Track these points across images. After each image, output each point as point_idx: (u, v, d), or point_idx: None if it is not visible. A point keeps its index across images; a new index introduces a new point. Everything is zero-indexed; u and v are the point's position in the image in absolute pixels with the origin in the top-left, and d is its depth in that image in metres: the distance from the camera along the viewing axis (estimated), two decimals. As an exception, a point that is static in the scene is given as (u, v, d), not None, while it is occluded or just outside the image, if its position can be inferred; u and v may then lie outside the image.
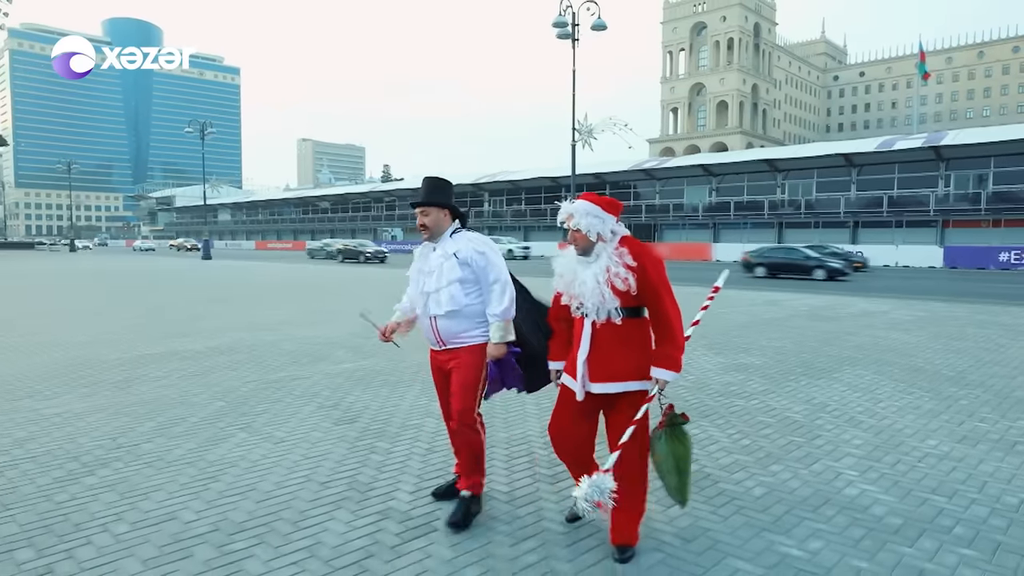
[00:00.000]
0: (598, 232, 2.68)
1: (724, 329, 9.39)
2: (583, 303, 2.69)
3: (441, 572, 2.58)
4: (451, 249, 3.02)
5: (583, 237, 2.69)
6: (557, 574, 2.58)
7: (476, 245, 3.01)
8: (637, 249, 2.68)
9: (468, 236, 3.07)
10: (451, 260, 2.99)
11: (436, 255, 3.06)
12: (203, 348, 7.65)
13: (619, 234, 2.72)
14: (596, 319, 2.66)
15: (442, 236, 3.08)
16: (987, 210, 33.90)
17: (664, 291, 2.64)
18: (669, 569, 2.62)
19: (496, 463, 3.80)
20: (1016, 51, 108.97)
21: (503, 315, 2.93)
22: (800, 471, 3.70)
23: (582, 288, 2.68)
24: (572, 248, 2.78)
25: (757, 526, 2.99)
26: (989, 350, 7.70)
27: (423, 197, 3.07)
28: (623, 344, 2.66)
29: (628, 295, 2.63)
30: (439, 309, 2.99)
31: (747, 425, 4.61)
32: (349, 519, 3.05)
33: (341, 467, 3.74)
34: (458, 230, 3.10)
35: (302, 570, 2.59)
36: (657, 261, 2.68)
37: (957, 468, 3.75)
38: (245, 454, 3.95)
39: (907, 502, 3.27)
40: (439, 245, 3.08)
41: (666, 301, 2.63)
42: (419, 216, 3.09)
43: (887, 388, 5.73)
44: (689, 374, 6.29)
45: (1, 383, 5.80)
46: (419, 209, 3.09)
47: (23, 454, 3.93)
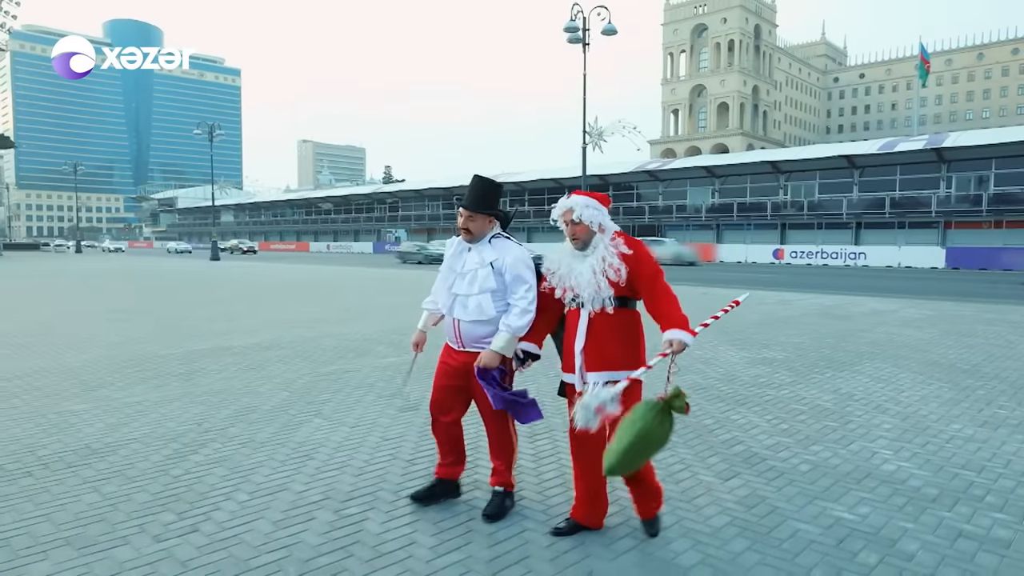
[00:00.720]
0: (599, 223, 2.77)
1: (742, 327, 9.73)
2: (579, 294, 2.76)
3: (537, 518, 2.92)
4: (489, 257, 2.96)
5: (585, 229, 2.77)
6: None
7: (515, 259, 2.94)
8: (630, 240, 2.81)
9: (508, 247, 2.99)
10: (487, 268, 2.94)
11: (472, 258, 3.01)
12: (247, 344, 8.00)
13: (611, 228, 2.82)
14: (592, 308, 2.74)
15: (482, 240, 3.02)
16: (988, 211, 34.29)
17: (659, 275, 2.75)
18: (738, 529, 2.96)
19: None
20: (1015, 53, 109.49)
21: (515, 330, 2.88)
22: (839, 451, 4.05)
23: (578, 280, 2.74)
24: (566, 243, 2.87)
25: (809, 495, 3.34)
26: (1000, 346, 8.05)
27: (470, 201, 2.97)
28: (617, 334, 2.74)
29: (620, 285, 2.71)
30: (465, 315, 2.96)
31: (783, 412, 4.95)
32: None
33: (420, 448, 4.08)
34: (497, 235, 3.03)
35: (415, 530, 2.93)
36: (649, 251, 2.81)
37: (982, 448, 4.10)
38: (327, 437, 4.29)
39: (940, 476, 3.62)
40: (476, 248, 3.02)
41: (663, 282, 2.74)
42: (463, 219, 2.98)
43: (907, 379, 6.08)
44: (719, 367, 6.64)
45: (72, 375, 6.15)
46: (466, 213, 2.98)
47: (123, 436, 4.27)
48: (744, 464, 3.81)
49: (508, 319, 2.89)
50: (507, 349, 2.89)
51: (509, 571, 2.57)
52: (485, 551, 2.73)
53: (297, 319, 10.55)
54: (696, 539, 2.86)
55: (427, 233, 67.42)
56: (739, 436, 4.35)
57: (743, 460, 3.88)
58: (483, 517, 2.99)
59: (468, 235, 3.00)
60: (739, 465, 3.79)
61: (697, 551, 2.75)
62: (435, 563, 2.64)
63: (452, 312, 3.01)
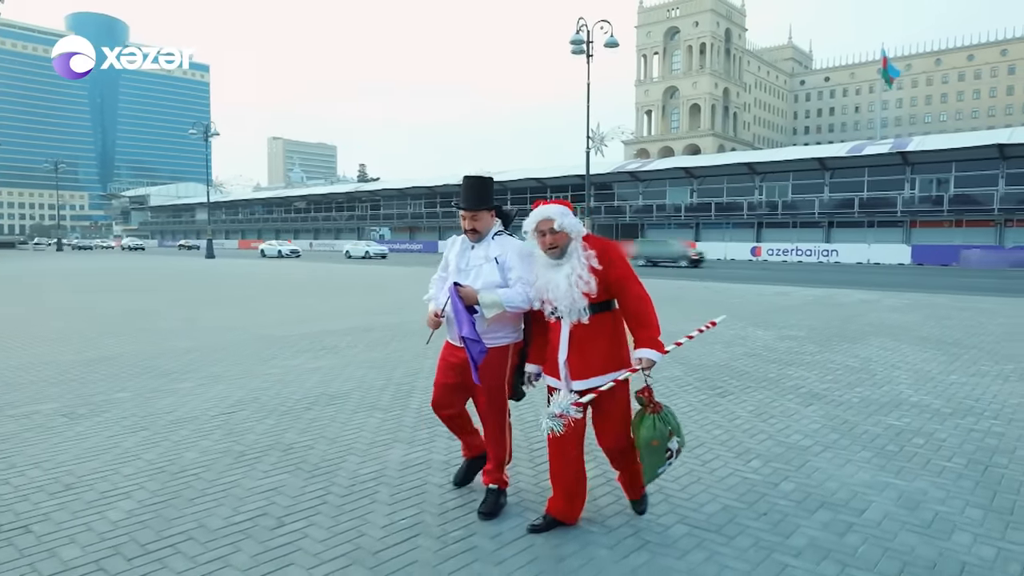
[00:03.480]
0: (577, 229, 2.80)
1: (755, 312, 11.33)
2: (556, 306, 2.79)
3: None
4: (493, 252, 3.02)
5: (564, 237, 2.78)
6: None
7: (516, 251, 3.01)
8: (601, 245, 2.82)
9: (510, 243, 3.06)
10: (491, 263, 2.99)
11: (476, 254, 3.06)
12: (344, 328, 9.29)
13: (581, 232, 2.84)
14: (571, 320, 2.78)
15: (486, 237, 3.09)
16: (949, 211, 36.81)
17: (632, 280, 2.79)
18: (829, 430, 4.46)
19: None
20: (970, 59, 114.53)
21: (506, 300, 2.90)
22: (875, 390, 5.59)
23: (556, 292, 2.76)
24: (540, 255, 2.87)
25: (866, 414, 4.86)
26: (973, 325, 9.77)
27: (470, 203, 3.02)
28: (598, 340, 2.78)
29: (597, 292, 2.76)
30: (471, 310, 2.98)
31: (822, 370, 6.50)
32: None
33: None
34: (500, 232, 3.11)
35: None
36: (620, 254, 2.83)
37: (975, 388, 5.69)
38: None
39: (950, 403, 5.17)
40: (479, 245, 3.08)
41: (636, 288, 2.79)
42: (467, 220, 3.03)
43: (908, 349, 7.69)
44: (756, 342, 8.19)
45: (236, 350, 7.41)
46: (468, 214, 3.03)
47: (339, 389, 5.61)
48: (813, 398, 5.33)
49: (508, 291, 2.92)
50: (489, 308, 2.90)
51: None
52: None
53: (367, 309, 11.85)
54: (803, 432, 4.34)
55: (409, 231, 68.44)
56: (799, 383, 5.87)
57: (812, 396, 5.40)
58: (479, 515, 3.07)
59: (475, 235, 3.06)
60: (810, 398, 5.31)
61: (807, 438, 4.23)
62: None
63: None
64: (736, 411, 4.94)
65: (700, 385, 5.79)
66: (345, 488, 3.41)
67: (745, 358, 7.09)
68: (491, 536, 2.90)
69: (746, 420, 4.69)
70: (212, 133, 39.34)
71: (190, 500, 3.24)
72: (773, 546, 2.79)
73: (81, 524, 2.97)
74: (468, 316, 2.88)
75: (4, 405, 5.03)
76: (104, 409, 4.92)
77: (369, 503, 3.22)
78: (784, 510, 3.16)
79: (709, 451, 4.02)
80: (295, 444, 4.12)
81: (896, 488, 3.43)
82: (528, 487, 3.45)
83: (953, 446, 4.12)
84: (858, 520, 3.04)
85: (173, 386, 5.68)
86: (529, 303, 2.92)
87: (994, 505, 3.23)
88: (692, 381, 5.95)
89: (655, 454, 2.79)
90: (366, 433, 4.38)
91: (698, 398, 5.34)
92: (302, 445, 4.10)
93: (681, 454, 2.96)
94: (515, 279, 2.95)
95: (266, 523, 2.99)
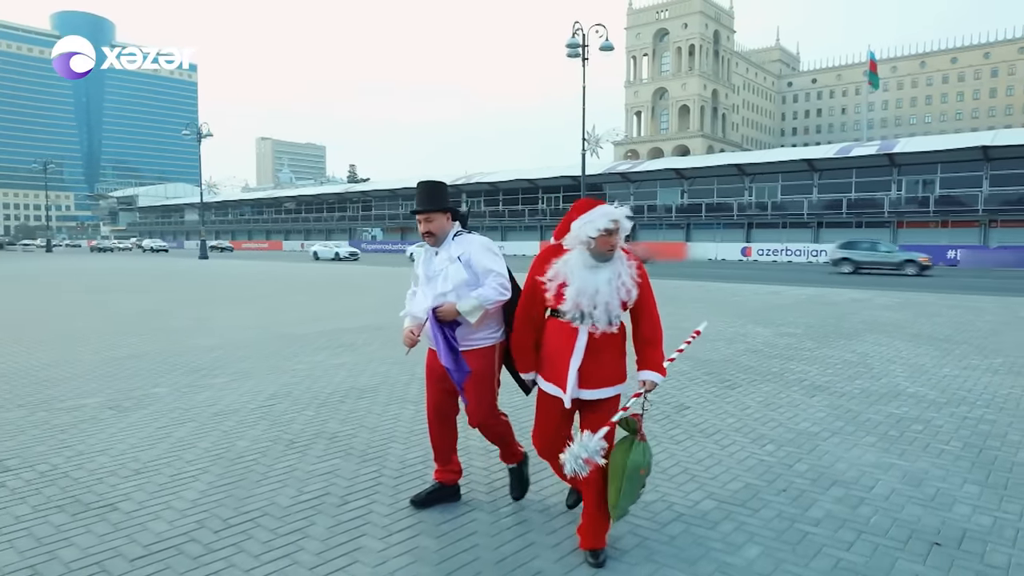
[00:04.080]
0: (625, 235, 2.67)
1: (753, 310, 11.69)
2: (593, 311, 2.62)
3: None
4: (455, 252, 3.03)
5: (616, 241, 2.65)
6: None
7: (479, 248, 3.01)
8: (635, 257, 2.75)
9: (470, 239, 3.07)
10: (456, 264, 3.00)
11: (440, 258, 3.07)
12: (357, 326, 9.55)
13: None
14: (602, 328, 2.65)
15: (445, 240, 3.09)
16: (935, 212, 37.48)
17: (651, 296, 2.75)
18: (833, 419, 4.78)
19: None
20: (954, 62, 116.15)
21: (483, 300, 2.89)
22: (874, 382, 5.93)
23: (596, 296, 2.60)
24: (575, 254, 2.67)
25: (868, 403, 5.19)
26: (962, 322, 10.17)
27: (422, 204, 3.04)
28: (611, 351, 2.69)
29: (628, 305, 2.69)
30: None
31: (822, 364, 6.84)
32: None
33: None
34: (459, 233, 3.11)
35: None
36: (643, 267, 2.78)
37: (967, 380, 6.04)
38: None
39: (944, 394, 5.52)
40: (442, 249, 3.09)
41: (653, 305, 2.75)
42: (422, 224, 3.05)
43: (901, 345, 8.06)
44: (756, 339, 8.53)
45: (259, 348, 7.65)
46: (422, 216, 3.05)
47: (367, 383, 5.88)
48: (817, 390, 5.66)
49: (482, 290, 2.92)
50: (470, 314, 2.89)
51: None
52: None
53: (373, 307, 12.10)
54: (810, 420, 4.66)
55: (400, 232, 68.52)
56: (802, 377, 6.20)
57: (815, 388, 5.73)
58: (512, 498, 3.27)
59: (432, 238, 3.08)
60: (814, 390, 5.64)
61: (815, 425, 4.55)
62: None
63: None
64: (746, 402, 5.26)
65: (709, 379, 6.11)
66: (396, 471, 3.69)
67: (748, 354, 7.42)
68: (539, 510, 3.19)
69: (756, 410, 5.01)
70: (205, 134, 39.29)
71: (255, 482, 3.51)
72: (794, 517, 3.10)
73: (161, 503, 3.23)
74: (446, 344, 2.87)
75: (50, 399, 5.26)
76: (147, 403, 5.16)
77: (422, 483, 3.49)
78: (800, 487, 3.47)
79: (726, 437, 4.34)
80: (339, 433, 4.39)
81: (900, 468, 3.75)
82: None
83: (949, 431, 4.46)
84: (868, 495, 3.36)
85: (206, 382, 5.93)
86: (504, 294, 2.93)
87: (989, 481, 3.56)
88: (700, 375, 6.27)
89: (636, 484, 2.65)
90: (403, 423, 4.65)
91: (709, 390, 5.66)
92: (345, 434, 4.37)
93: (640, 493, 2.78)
94: (483, 272, 2.96)
95: (331, 501, 3.27)
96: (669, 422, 4.68)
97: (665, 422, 4.68)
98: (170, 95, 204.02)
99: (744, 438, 4.31)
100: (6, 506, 3.19)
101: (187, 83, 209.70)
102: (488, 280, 2.94)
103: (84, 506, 3.19)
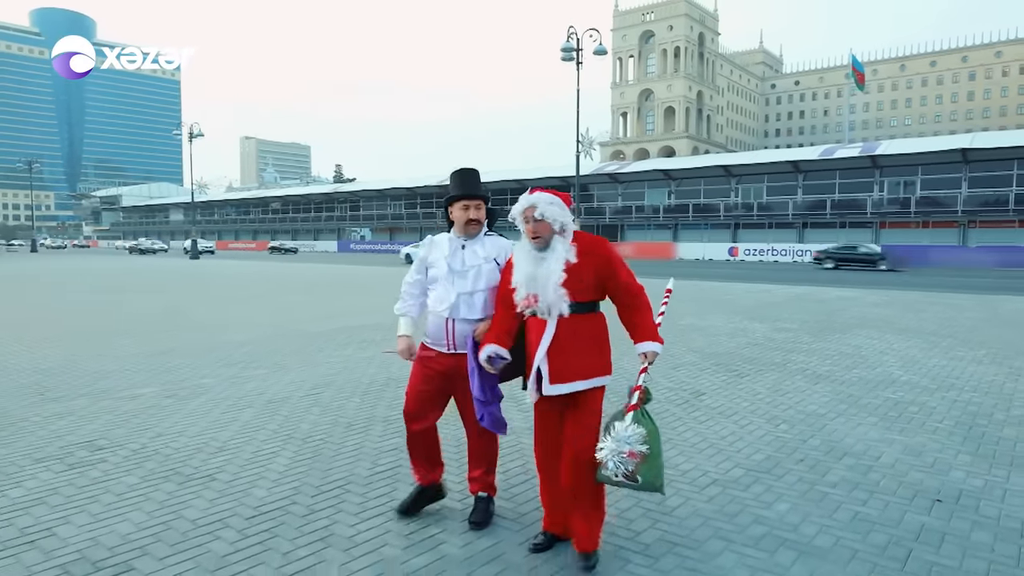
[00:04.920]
0: (561, 222, 2.64)
1: (748, 307, 12.22)
2: (539, 302, 2.63)
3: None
4: (492, 252, 2.90)
5: (547, 227, 2.63)
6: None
7: (510, 253, 2.85)
8: (592, 240, 2.71)
9: (505, 244, 2.95)
10: (492, 264, 2.87)
11: (473, 252, 2.90)
12: (371, 323, 9.92)
13: (571, 230, 2.70)
14: (546, 317, 2.63)
15: (478, 235, 2.95)
16: (916, 213, 38.48)
17: (625, 270, 2.67)
18: (838, 402, 5.26)
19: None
20: (933, 65, 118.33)
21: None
22: (870, 371, 6.43)
23: (537, 286, 2.61)
24: (522, 245, 2.72)
25: (867, 389, 5.68)
26: (947, 318, 10.75)
27: (474, 187, 2.90)
28: (583, 342, 2.62)
29: (585, 289, 2.63)
30: (472, 314, 2.85)
31: (820, 356, 7.33)
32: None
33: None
34: (489, 233, 3.00)
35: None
36: (608, 245, 2.72)
37: (955, 369, 6.56)
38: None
39: (934, 381, 6.03)
40: (471, 244, 2.92)
41: (630, 278, 2.67)
42: (471, 210, 2.88)
43: (892, 338, 8.59)
44: (755, 333, 9.02)
45: (281, 342, 8.01)
46: (471, 202, 2.89)
47: (404, 377, 6.27)
48: (818, 378, 6.14)
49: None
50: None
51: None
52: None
53: (380, 306, 12.47)
54: (816, 403, 5.14)
55: (390, 232, 68.70)
56: (803, 367, 6.69)
57: (817, 376, 6.21)
58: (470, 524, 2.97)
59: (478, 226, 2.93)
60: (816, 378, 6.12)
61: (821, 408, 5.02)
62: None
63: (456, 312, 2.85)
64: (755, 388, 5.74)
65: (717, 368, 6.58)
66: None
67: (750, 347, 7.90)
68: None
69: (766, 395, 5.48)
70: (196, 134, 39.31)
71: (331, 458, 3.91)
72: (814, 481, 3.56)
73: (253, 474, 3.62)
74: (483, 378, 2.76)
75: (108, 389, 5.61)
76: (200, 392, 5.53)
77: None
78: (816, 457, 3.93)
79: (743, 418, 4.79)
80: (390, 417, 4.79)
81: (901, 442, 4.23)
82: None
83: (942, 412, 4.95)
84: (876, 464, 3.83)
85: (248, 373, 6.29)
86: None
87: (979, 452, 4.04)
88: (709, 365, 6.73)
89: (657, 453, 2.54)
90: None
91: (720, 378, 6.13)
92: (396, 417, 4.76)
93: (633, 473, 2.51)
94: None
95: (406, 472, 3.66)
96: (689, 406, 5.13)
97: (686, 406, 5.13)
98: (153, 94, 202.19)
99: (759, 419, 4.77)
100: (118, 476, 3.57)
101: (170, 81, 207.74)
102: None
103: (186, 477, 3.57)
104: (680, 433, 4.44)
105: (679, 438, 4.32)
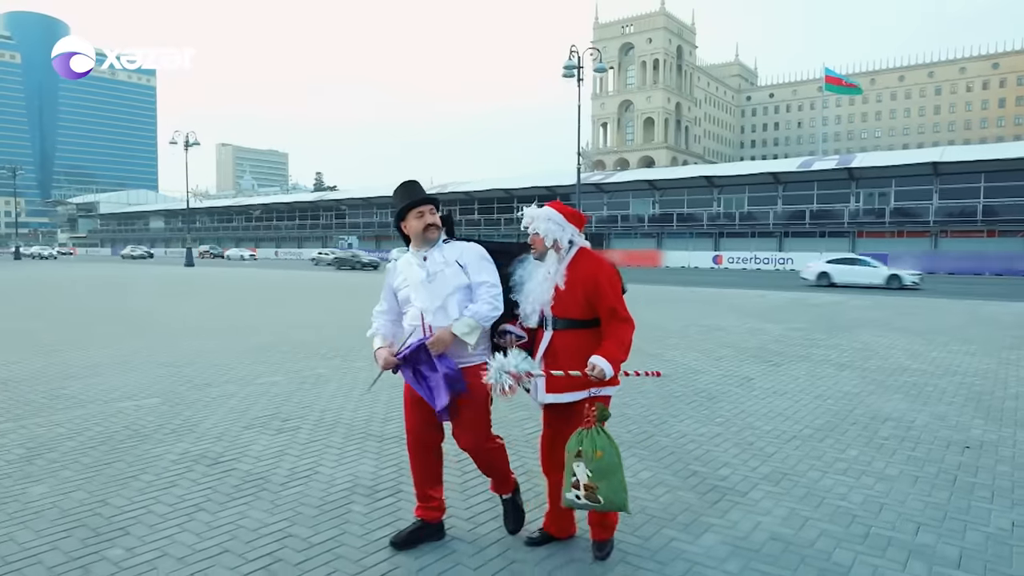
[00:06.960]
0: (555, 239, 2.72)
1: (755, 311, 13.35)
2: (525, 308, 2.78)
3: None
4: (452, 256, 2.86)
5: (540, 241, 2.74)
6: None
7: (475, 254, 2.88)
8: (593, 261, 2.75)
9: (465, 245, 2.93)
10: (454, 267, 2.83)
11: (432, 263, 2.86)
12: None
13: (577, 245, 2.77)
14: (528, 324, 2.79)
15: (436, 242, 2.92)
16: (890, 223, 40.34)
17: (617, 302, 2.70)
18: (865, 384, 6.32)
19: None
20: (901, 80, 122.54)
21: (481, 319, 2.75)
22: (884, 362, 7.53)
23: (532, 295, 2.76)
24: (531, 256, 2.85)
25: (886, 373, 6.77)
26: (933, 320, 11.99)
27: (419, 194, 2.90)
28: (575, 356, 2.67)
29: (577, 306, 2.71)
30: (446, 320, 2.77)
31: (837, 349, 8.43)
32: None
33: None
34: (447, 240, 2.96)
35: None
36: (612, 274, 2.74)
37: (955, 360, 7.71)
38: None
39: (939, 368, 7.15)
40: (432, 254, 2.89)
41: (619, 311, 2.69)
42: (426, 215, 2.87)
43: (893, 336, 9.74)
44: (773, 332, 10.12)
45: (330, 343, 8.89)
46: (425, 209, 2.87)
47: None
48: (843, 367, 7.23)
49: (475, 307, 2.77)
50: (468, 336, 2.74)
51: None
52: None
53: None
54: (849, 385, 6.19)
55: (376, 240, 69.27)
56: (826, 358, 7.77)
57: (841, 365, 7.30)
58: (509, 532, 3.02)
59: (437, 231, 2.91)
60: (841, 367, 7.21)
61: (855, 388, 6.08)
62: (752, 394, 5.86)
63: (433, 323, 2.79)
64: (793, 374, 6.80)
65: (755, 360, 7.64)
66: (522, 440, 5.04)
67: (773, 343, 8.99)
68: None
69: (805, 379, 6.53)
70: (192, 143, 39.70)
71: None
72: (870, 437, 4.59)
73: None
74: (441, 382, 2.71)
75: (250, 375, 6.46)
76: (328, 378, 6.40)
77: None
78: (864, 422, 4.98)
79: (793, 396, 5.84)
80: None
81: (926, 411, 5.30)
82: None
83: (953, 391, 6.05)
84: (912, 426, 4.88)
85: (353, 365, 7.17)
86: (499, 308, 2.81)
87: (989, 417, 5.13)
88: (747, 358, 7.79)
89: (615, 471, 2.58)
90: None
91: (758, 367, 7.18)
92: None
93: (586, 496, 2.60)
94: (477, 283, 2.82)
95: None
96: (745, 388, 6.17)
97: (742, 388, 6.16)
98: (128, 100, 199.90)
99: (807, 396, 5.82)
100: (345, 436, 4.48)
101: (145, 87, 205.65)
102: (481, 292, 2.80)
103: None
104: (751, 405, 5.47)
105: (751, 408, 5.35)
